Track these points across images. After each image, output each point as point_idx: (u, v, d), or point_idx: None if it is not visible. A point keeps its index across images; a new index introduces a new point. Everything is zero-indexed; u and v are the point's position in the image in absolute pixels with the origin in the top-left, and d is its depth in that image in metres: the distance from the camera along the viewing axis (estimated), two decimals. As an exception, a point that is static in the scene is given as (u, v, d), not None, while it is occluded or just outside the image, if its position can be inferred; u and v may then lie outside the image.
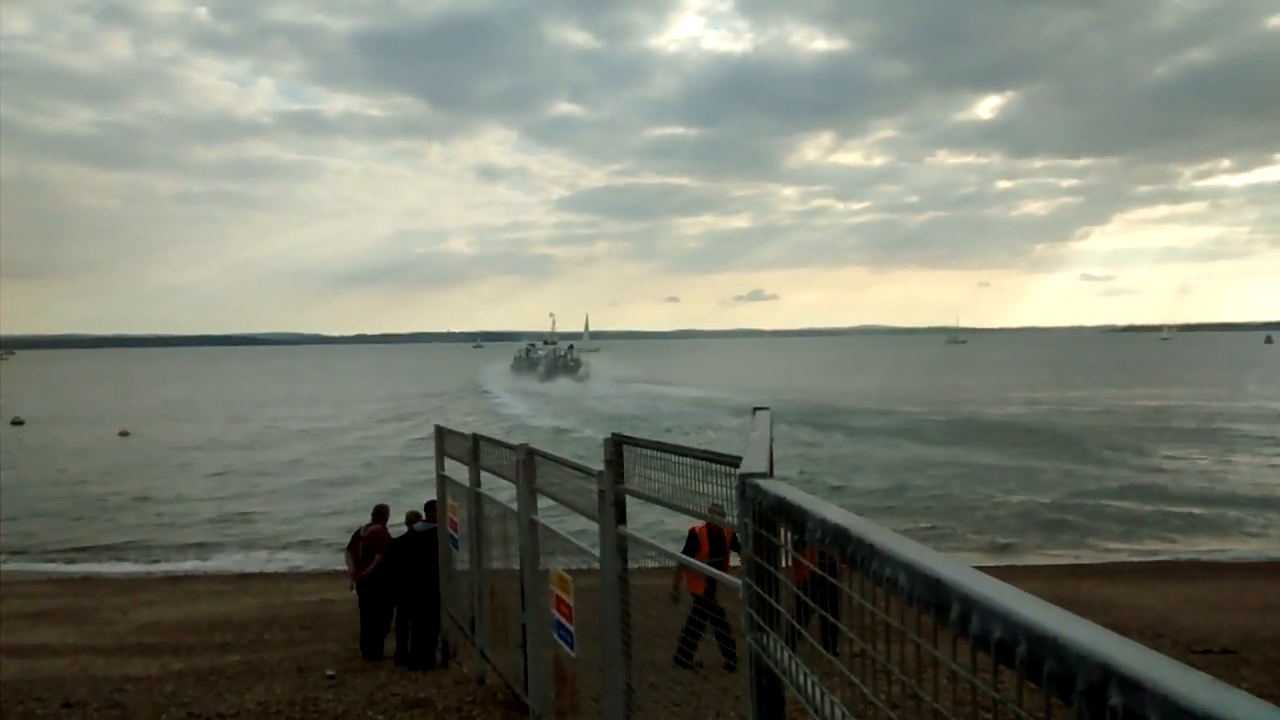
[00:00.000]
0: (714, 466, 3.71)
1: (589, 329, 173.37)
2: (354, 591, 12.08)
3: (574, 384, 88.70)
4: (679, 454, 4.09)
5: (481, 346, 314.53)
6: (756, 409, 3.65)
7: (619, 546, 5.00)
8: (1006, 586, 1.26)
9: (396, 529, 12.03)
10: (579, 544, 5.77)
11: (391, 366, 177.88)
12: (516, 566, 7.21)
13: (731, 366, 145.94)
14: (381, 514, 12.45)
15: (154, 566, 22.30)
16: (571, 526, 6.28)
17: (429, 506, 11.39)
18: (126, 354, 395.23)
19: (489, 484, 8.50)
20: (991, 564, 19.19)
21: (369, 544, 11.88)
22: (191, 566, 22.20)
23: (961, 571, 1.34)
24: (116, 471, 37.53)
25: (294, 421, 59.37)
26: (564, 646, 5.85)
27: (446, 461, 10.08)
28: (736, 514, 2.53)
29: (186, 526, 26.81)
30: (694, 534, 9.14)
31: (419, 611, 11.08)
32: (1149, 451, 37.47)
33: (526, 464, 6.69)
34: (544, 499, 6.61)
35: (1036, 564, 20.50)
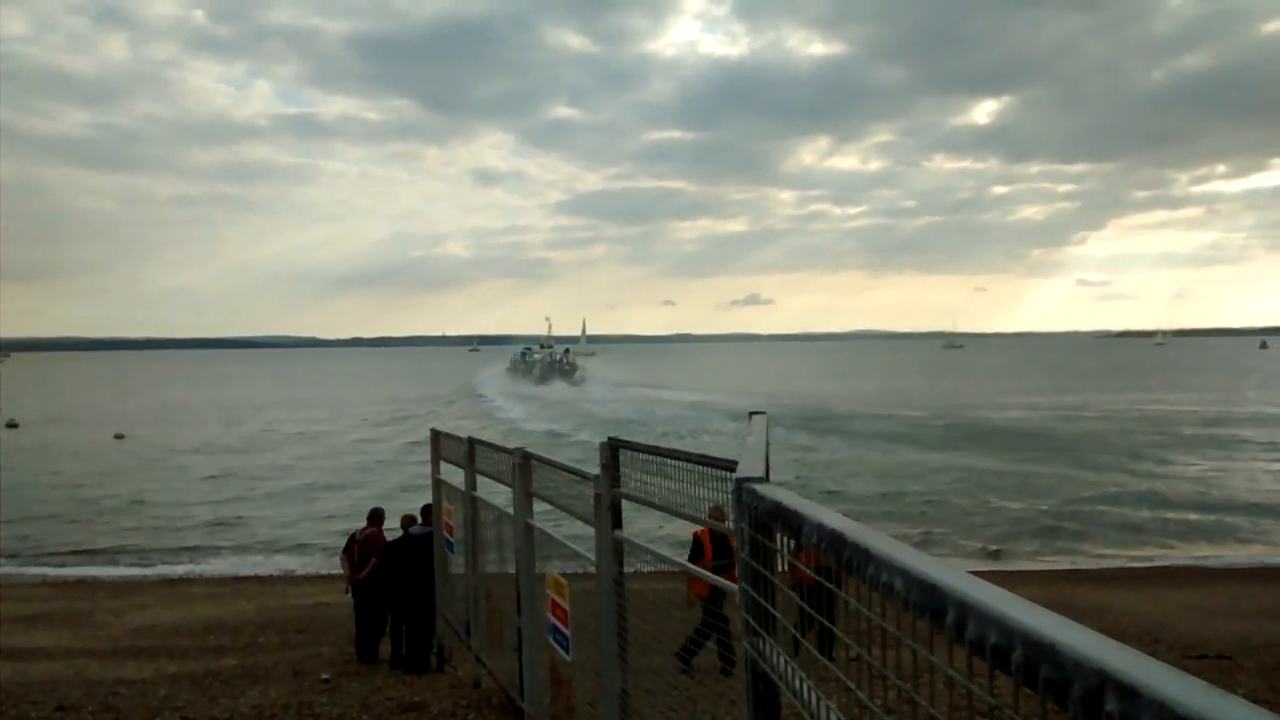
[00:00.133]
0: (710, 471, 3.71)
1: (586, 333, 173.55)
2: (349, 595, 12.06)
3: (570, 388, 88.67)
4: (675, 458, 4.09)
5: (478, 350, 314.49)
6: (752, 413, 3.65)
7: (615, 551, 5.00)
8: (1002, 592, 1.26)
9: (392, 532, 12.01)
10: (575, 548, 5.76)
11: (387, 370, 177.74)
12: (512, 570, 7.20)
13: (728, 370, 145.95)
14: (377, 517, 12.44)
15: (149, 570, 22.24)
16: (567, 531, 6.27)
17: (425, 510, 11.37)
18: (122, 356, 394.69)
19: (485, 488, 8.49)
20: (987, 569, 19.20)
21: (364, 547, 11.86)
22: (186, 570, 22.15)
23: (957, 577, 1.34)
24: (112, 474, 37.42)
25: (290, 425, 59.32)
26: (559, 651, 5.84)
27: (442, 465, 10.08)
28: (733, 519, 2.53)
29: (182, 530, 26.74)
30: (697, 538, 8.97)
31: (414, 615, 11.06)
32: (1146, 456, 37.52)
33: (522, 468, 6.69)
34: (540, 503, 6.61)
35: (1032, 569, 20.52)
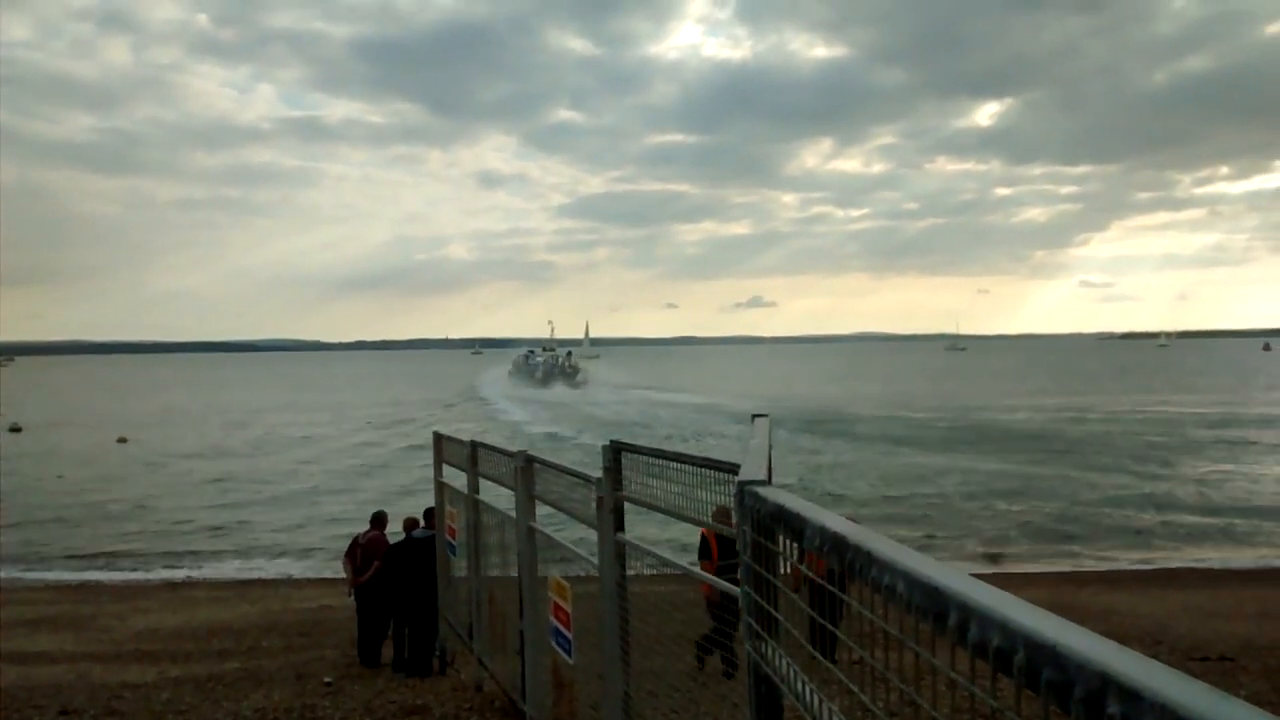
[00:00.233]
0: (712, 474, 3.71)
1: (589, 335, 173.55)
2: (352, 598, 12.07)
3: (572, 390, 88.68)
4: (678, 461, 4.09)
5: (481, 353, 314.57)
6: (755, 416, 3.65)
7: (617, 553, 5.00)
8: (1005, 594, 1.26)
9: (395, 536, 12.01)
10: (577, 551, 5.77)
11: (390, 372, 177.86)
12: (515, 573, 7.20)
13: (731, 373, 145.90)
14: (380, 520, 12.45)
15: (152, 573, 22.26)
16: (570, 534, 6.27)
17: (428, 513, 11.37)
18: (125, 360, 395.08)
19: (487, 491, 8.50)
20: (990, 572, 19.18)
21: (367, 550, 11.87)
22: (190, 573, 22.18)
23: (960, 579, 1.34)
24: (114, 478, 37.46)
25: (292, 428, 59.36)
26: (562, 654, 5.84)
27: (445, 468, 10.08)
28: (736, 521, 2.53)
29: (185, 533, 26.76)
30: (705, 538, 9.02)
31: (416, 618, 11.06)
32: (1150, 458, 37.45)
33: (525, 471, 6.69)
34: (542, 506, 6.61)
35: (1035, 572, 20.48)
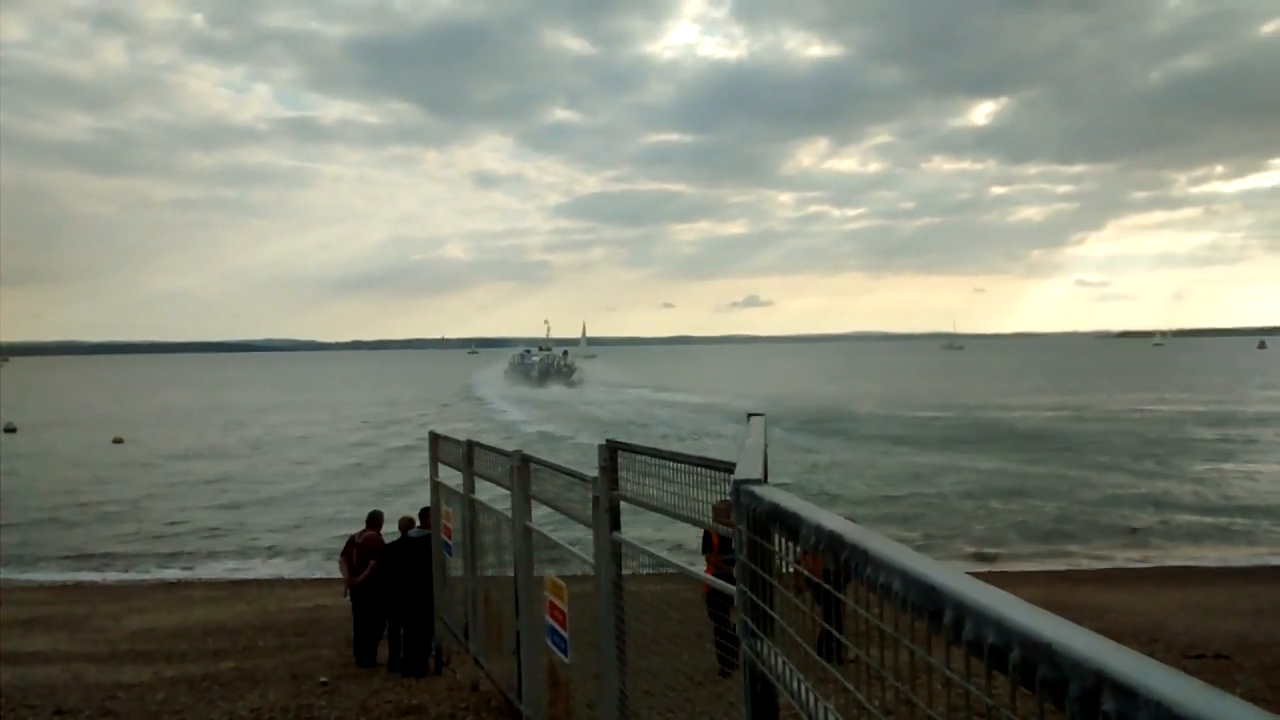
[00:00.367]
0: (709, 473, 3.71)
1: (585, 335, 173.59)
2: (348, 598, 12.05)
3: (568, 390, 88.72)
4: (674, 460, 4.08)
5: (477, 353, 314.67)
6: (751, 415, 3.65)
7: (613, 553, 5.00)
8: (1000, 592, 1.25)
9: (390, 535, 12.00)
10: (573, 550, 5.76)
11: (387, 372, 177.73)
12: (511, 573, 7.19)
13: (727, 372, 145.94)
14: (376, 520, 12.43)
15: (147, 573, 22.21)
16: (566, 533, 6.27)
17: (423, 513, 11.36)
18: (121, 360, 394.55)
19: (483, 490, 8.49)
20: (986, 570, 19.19)
21: (363, 550, 11.86)
22: (185, 573, 22.13)
23: (955, 577, 1.34)
24: (110, 478, 37.38)
25: (289, 428, 59.29)
26: (558, 653, 5.83)
27: (441, 468, 10.07)
28: (732, 520, 2.53)
29: (180, 533, 26.70)
30: (707, 531, 9.05)
31: (412, 618, 11.05)
32: (1146, 457, 37.51)
33: (521, 470, 6.68)
34: (538, 505, 6.60)
35: (1031, 570, 20.51)
